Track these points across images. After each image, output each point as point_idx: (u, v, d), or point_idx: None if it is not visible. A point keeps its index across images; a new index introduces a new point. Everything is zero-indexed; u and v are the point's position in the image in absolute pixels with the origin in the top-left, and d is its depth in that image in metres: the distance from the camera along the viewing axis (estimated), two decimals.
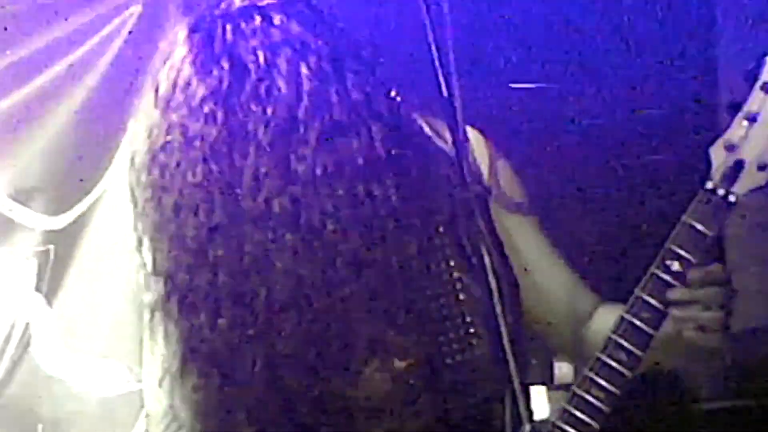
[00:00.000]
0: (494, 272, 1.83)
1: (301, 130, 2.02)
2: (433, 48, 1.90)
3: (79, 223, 4.05)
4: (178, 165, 2.06)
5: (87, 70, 4.05)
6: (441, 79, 1.90)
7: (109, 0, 4.06)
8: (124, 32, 4.02)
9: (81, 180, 4.02)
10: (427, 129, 2.20)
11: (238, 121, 2.03)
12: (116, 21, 4.04)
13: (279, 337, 2.02)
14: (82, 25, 4.07)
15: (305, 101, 2.03)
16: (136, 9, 4.02)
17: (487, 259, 1.84)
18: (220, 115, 2.04)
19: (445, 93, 1.90)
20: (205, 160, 2.04)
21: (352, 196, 2.02)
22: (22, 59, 4.07)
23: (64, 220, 4.08)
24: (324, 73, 2.05)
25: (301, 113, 2.03)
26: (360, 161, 2.04)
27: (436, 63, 1.90)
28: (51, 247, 4.09)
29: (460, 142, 1.92)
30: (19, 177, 4.10)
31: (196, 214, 2.04)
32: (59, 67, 4.08)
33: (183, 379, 2.09)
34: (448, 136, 2.15)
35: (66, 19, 4.07)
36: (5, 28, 4.03)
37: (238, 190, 2.03)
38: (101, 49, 4.05)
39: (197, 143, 2.04)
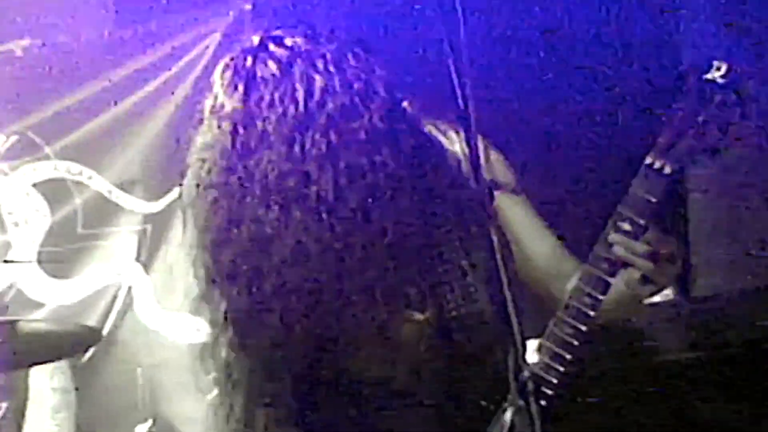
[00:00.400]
0: (498, 239, 1.78)
1: (313, 116, 2.01)
2: (451, 66, 1.77)
3: (171, 207, 4.06)
4: (208, 173, 2.06)
5: (177, 87, 4.08)
6: (458, 92, 1.78)
7: (194, 29, 4.09)
8: (207, 55, 4.05)
9: (172, 174, 4.04)
10: (432, 129, 2.17)
11: (256, 126, 2.03)
12: (200, 46, 4.07)
13: (291, 295, 2.00)
14: (173, 50, 4.10)
15: (317, 96, 2.03)
16: (216, 36, 4.05)
17: (494, 237, 1.79)
18: (241, 127, 2.04)
19: (461, 105, 1.78)
20: (228, 165, 2.04)
21: (355, 165, 2.00)
22: (124, 78, 4.11)
23: (159, 205, 4.11)
24: (329, 72, 2.05)
25: (312, 105, 2.02)
26: (362, 135, 2.02)
27: (454, 79, 1.78)
28: (148, 226, 4.13)
29: (474, 147, 1.83)
30: (124, 171, 4.15)
31: (218, 206, 2.04)
32: (155, 84, 4.11)
33: (221, 339, 2.08)
34: (452, 135, 2.16)
35: (161, 45, 4.10)
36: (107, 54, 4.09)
37: (255, 180, 2.01)
38: (188, 70, 4.08)
39: (220, 147, 2.04)
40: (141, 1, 4.13)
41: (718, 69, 1.97)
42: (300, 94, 2.03)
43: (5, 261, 4.00)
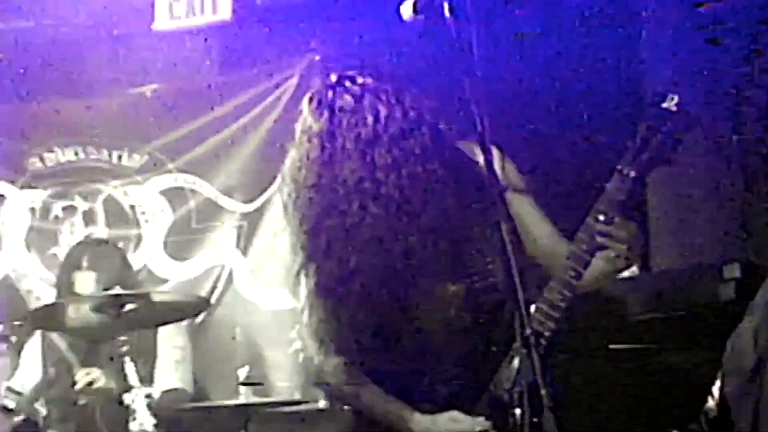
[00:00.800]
0: (507, 230, 1.78)
1: (380, 137, 2.06)
2: (471, 98, 1.81)
3: (261, 208, 4.11)
4: (304, 178, 2.09)
5: (264, 120, 4.13)
6: (477, 118, 1.83)
7: (276, 75, 4.13)
8: (287, 95, 4.08)
9: (261, 183, 4.08)
10: (463, 145, 2.18)
11: (337, 142, 2.06)
12: (282, 88, 4.11)
13: (369, 270, 2.03)
14: (260, 92, 4.15)
15: (382, 121, 2.06)
16: (293, 80, 4.08)
17: (503, 225, 1.79)
18: (327, 143, 2.07)
19: (479, 128, 1.83)
20: (318, 171, 2.07)
21: (414, 173, 2.05)
22: (226, 113, 4.17)
23: (253, 206, 4.15)
24: (391, 103, 2.08)
25: (379, 128, 2.06)
26: (417, 150, 2.06)
27: (473, 109, 1.82)
28: (245, 222, 4.17)
29: (488, 160, 1.86)
30: (226, 180, 4.21)
31: (313, 202, 2.07)
32: (248, 118, 4.16)
33: (314, 303, 2.09)
34: (476, 150, 2.15)
35: (253, 89, 4.16)
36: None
37: (340, 183, 2.05)
38: (272, 107, 4.12)
39: (311, 158, 2.08)
40: (236, 54, 4.17)
41: (672, 99, 1.98)
42: (369, 120, 2.06)
43: None
